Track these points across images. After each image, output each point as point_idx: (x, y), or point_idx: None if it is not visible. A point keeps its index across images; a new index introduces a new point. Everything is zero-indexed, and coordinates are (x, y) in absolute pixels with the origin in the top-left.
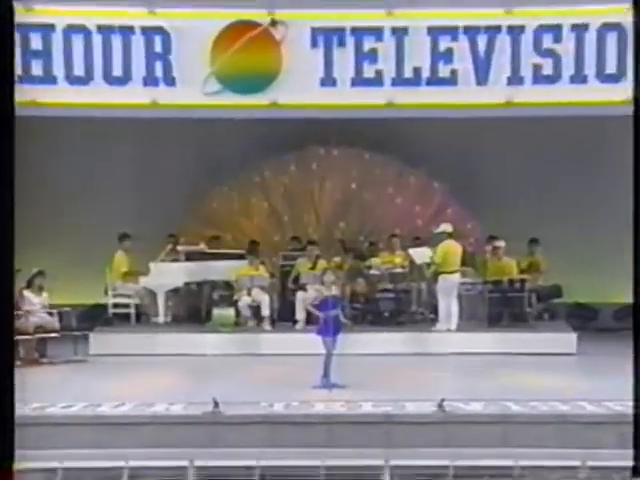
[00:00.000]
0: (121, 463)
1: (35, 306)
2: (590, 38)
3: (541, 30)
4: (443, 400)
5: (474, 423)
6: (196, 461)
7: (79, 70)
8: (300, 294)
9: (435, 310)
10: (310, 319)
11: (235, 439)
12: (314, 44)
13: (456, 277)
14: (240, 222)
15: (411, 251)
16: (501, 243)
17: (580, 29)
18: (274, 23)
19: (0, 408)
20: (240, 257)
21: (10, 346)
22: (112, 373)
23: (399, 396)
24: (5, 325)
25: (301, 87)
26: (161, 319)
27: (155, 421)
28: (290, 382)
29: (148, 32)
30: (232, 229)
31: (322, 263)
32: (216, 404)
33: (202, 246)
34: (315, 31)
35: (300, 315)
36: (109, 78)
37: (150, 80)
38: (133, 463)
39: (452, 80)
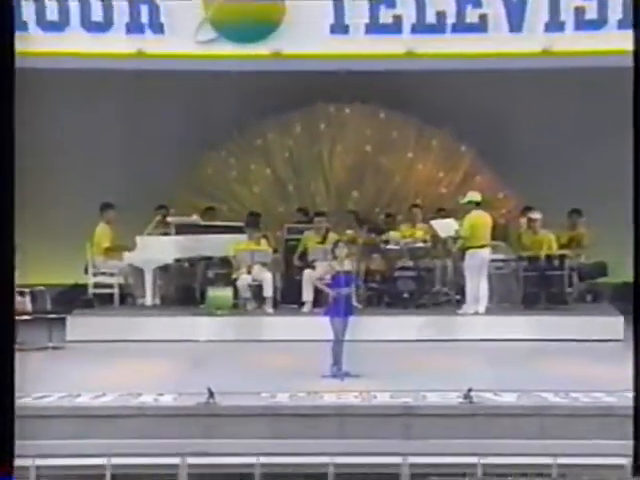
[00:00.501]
0: (102, 461)
1: None
2: None
3: None
4: (470, 390)
5: (506, 416)
6: (189, 458)
7: (52, 15)
8: (307, 272)
9: (461, 290)
10: (319, 301)
11: (233, 433)
12: None
13: (485, 253)
14: (239, 191)
15: (434, 223)
16: (538, 214)
17: None
18: None
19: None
20: (239, 230)
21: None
22: (92, 361)
23: (420, 386)
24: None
25: (308, 35)
26: (148, 301)
27: (142, 413)
28: (295, 371)
29: None
30: (229, 199)
31: (332, 237)
32: (211, 394)
33: (195, 218)
34: None
35: (307, 296)
36: (87, 24)
37: (134, 27)
38: (116, 460)
39: (481, 26)
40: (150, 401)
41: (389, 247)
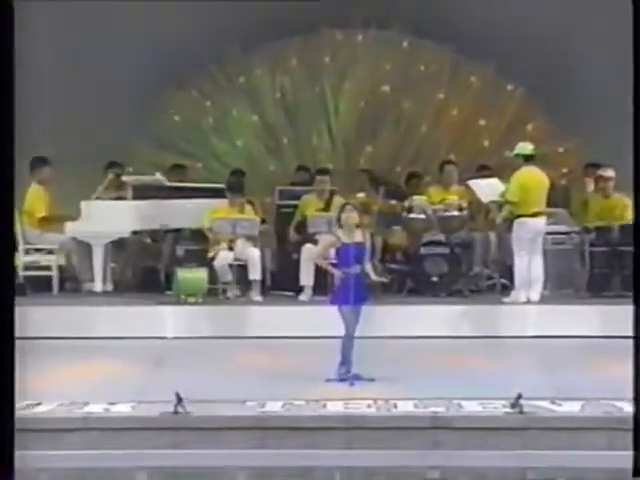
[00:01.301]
0: None
1: None
2: None
3: None
4: (520, 397)
5: (567, 430)
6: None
7: None
8: (306, 248)
9: (509, 273)
10: (321, 286)
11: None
12: None
13: (540, 222)
14: (216, 144)
15: (473, 185)
16: (610, 173)
17: None
18: None
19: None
20: (217, 194)
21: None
22: (23, 363)
23: (453, 393)
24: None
25: None
26: (98, 286)
27: (89, 426)
28: (291, 374)
29: None
30: (204, 154)
31: (338, 202)
32: (180, 402)
33: (159, 178)
34: None
35: (306, 279)
36: None
37: None
38: None
39: None
40: (99, 411)
41: (413, 216)
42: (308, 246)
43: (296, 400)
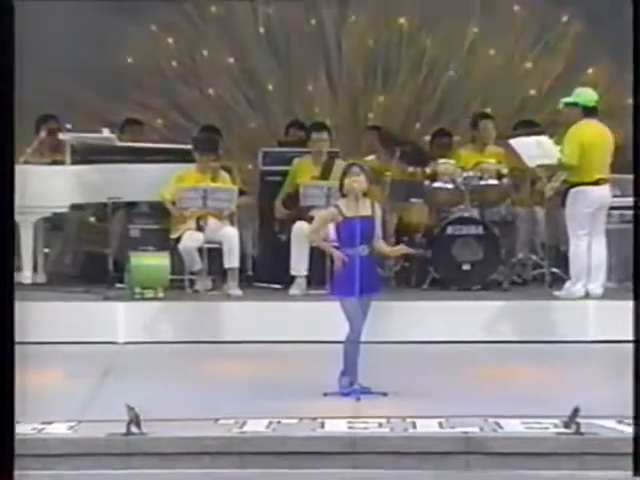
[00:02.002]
0: None
1: None
2: None
3: None
4: (577, 413)
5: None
6: None
7: None
8: (299, 227)
9: (562, 259)
10: (318, 275)
11: None
12: None
13: (604, 193)
14: (182, 92)
15: (516, 144)
16: None
17: None
18: None
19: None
20: (182, 157)
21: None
22: None
23: (490, 409)
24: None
25: None
26: (27, 276)
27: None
28: (278, 387)
29: None
30: (167, 106)
31: (340, 166)
32: (135, 421)
33: (108, 136)
34: None
35: (298, 267)
36: None
37: None
38: None
39: None
40: (29, 432)
41: (438, 186)
42: (301, 224)
43: (285, 418)
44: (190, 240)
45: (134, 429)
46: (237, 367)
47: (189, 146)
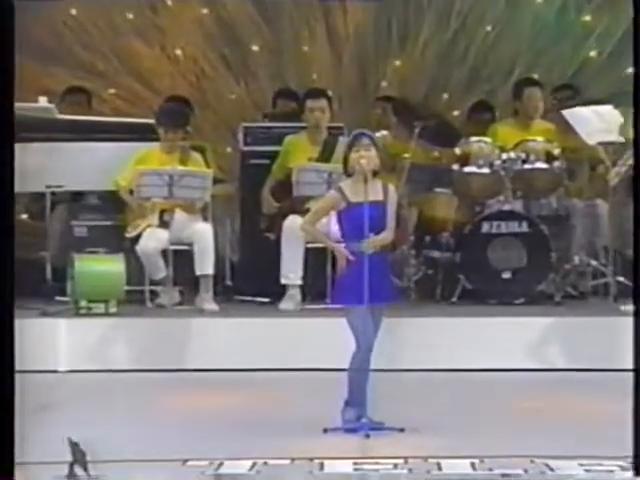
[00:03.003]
0: None
1: None
2: None
3: None
4: None
5: None
6: None
7: None
8: (291, 223)
9: (630, 265)
10: (317, 284)
11: None
12: None
13: None
14: (139, 52)
15: (571, 116)
16: None
17: None
18: None
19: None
20: (142, 134)
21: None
22: None
23: (535, 446)
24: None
25: None
26: None
27: None
28: (266, 422)
29: None
30: (121, 70)
31: (341, 145)
32: (81, 459)
33: (46, 106)
34: None
35: (291, 274)
36: None
37: None
38: None
39: None
40: None
41: (470, 171)
42: (293, 220)
43: (274, 458)
44: (152, 240)
45: (79, 471)
46: (212, 399)
47: (150, 120)
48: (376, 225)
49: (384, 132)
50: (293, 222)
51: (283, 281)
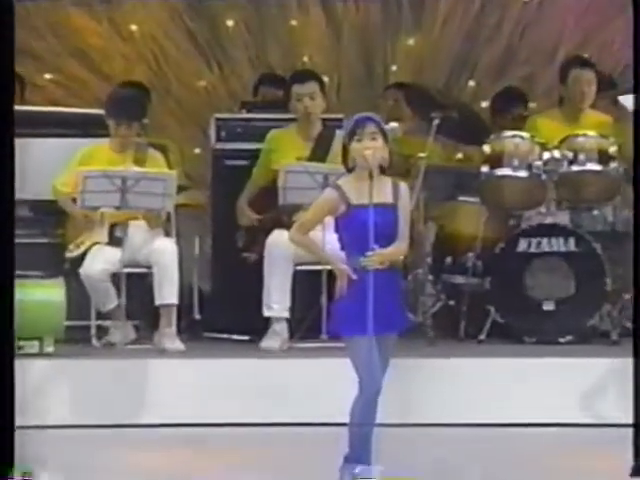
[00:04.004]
0: None
1: None
2: None
3: None
4: None
5: None
6: None
7: None
8: (276, 239)
9: None
10: (307, 316)
11: None
12: None
13: None
14: (83, 27)
15: (628, 102)
16: None
17: None
18: None
19: None
20: (87, 128)
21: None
22: None
23: None
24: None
25: None
26: None
27: None
28: None
29: None
30: (58, 49)
31: (339, 140)
32: None
33: None
34: None
35: (277, 302)
36: None
37: None
38: None
39: None
40: None
41: (504, 174)
42: (279, 236)
43: None
44: (99, 261)
45: None
46: (174, 461)
47: (98, 111)
48: (384, 234)
49: (394, 124)
50: (278, 238)
51: (266, 313)
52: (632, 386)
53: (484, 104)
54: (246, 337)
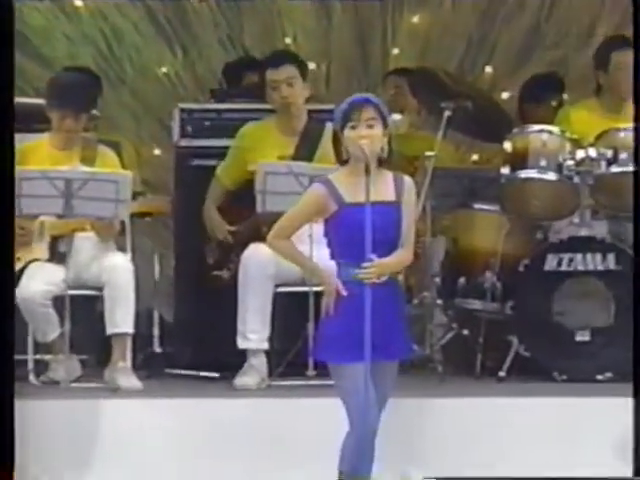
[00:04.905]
0: None
1: None
2: None
3: None
4: None
5: None
6: None
7: None
8: (253, 254)
9: None
10: (292, 349)
11: None
12: None
13: None
14: (24, 9)
15: None
16: None
17: None
18: None
19: None
20: (23, 120)
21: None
22: None
23: None
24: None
25: None
26: None
27: None
28: None
29: None
30: None
31: (329, 135)
32: None
33: None
34: None
35: (255, 331)
36: None
37: None
38: None
39: None
40: None
41: (528, 176)
42: (256, 250)
43: None
44: (38, 281)
45: None
46: None
47: (37, 100)
48: (384, 239)
49: (397, 117)
50: (256, 254)
51: (241, 344)
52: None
53: (505, 94)
54: (217, 374)
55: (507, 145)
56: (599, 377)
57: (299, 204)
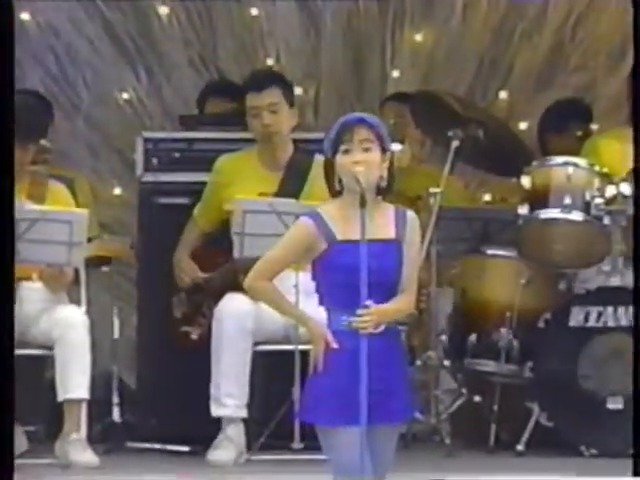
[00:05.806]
0: None
1: None
2: None
3: None
4: None
5: None
6: None
7: None
8: (228, 305)
9: None
10: (274, 417)
11: None
12: None
13: None
14: None
15: None
16: None
17: None
18: None
19: None
20: None
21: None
22: None
23: None
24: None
25: None
26: None
27: None
28: None
29: None
30: None
31: (319, 165)
32: None
33: None
34: None
35: (231, 396)
36: None
37: None
38: None
39: None
40: None
41: (550, 216)
42: (232, 301)
43: None
44: None
45: None
46: None
47: None
48: (382, 283)
49: (397, 146)
50: (232, 306)
51: (215, 412)
52: None
53: (523, 124)
54: (186, 447)
55: (525, 180)
56: (632, 451)
57: (283, 241)
